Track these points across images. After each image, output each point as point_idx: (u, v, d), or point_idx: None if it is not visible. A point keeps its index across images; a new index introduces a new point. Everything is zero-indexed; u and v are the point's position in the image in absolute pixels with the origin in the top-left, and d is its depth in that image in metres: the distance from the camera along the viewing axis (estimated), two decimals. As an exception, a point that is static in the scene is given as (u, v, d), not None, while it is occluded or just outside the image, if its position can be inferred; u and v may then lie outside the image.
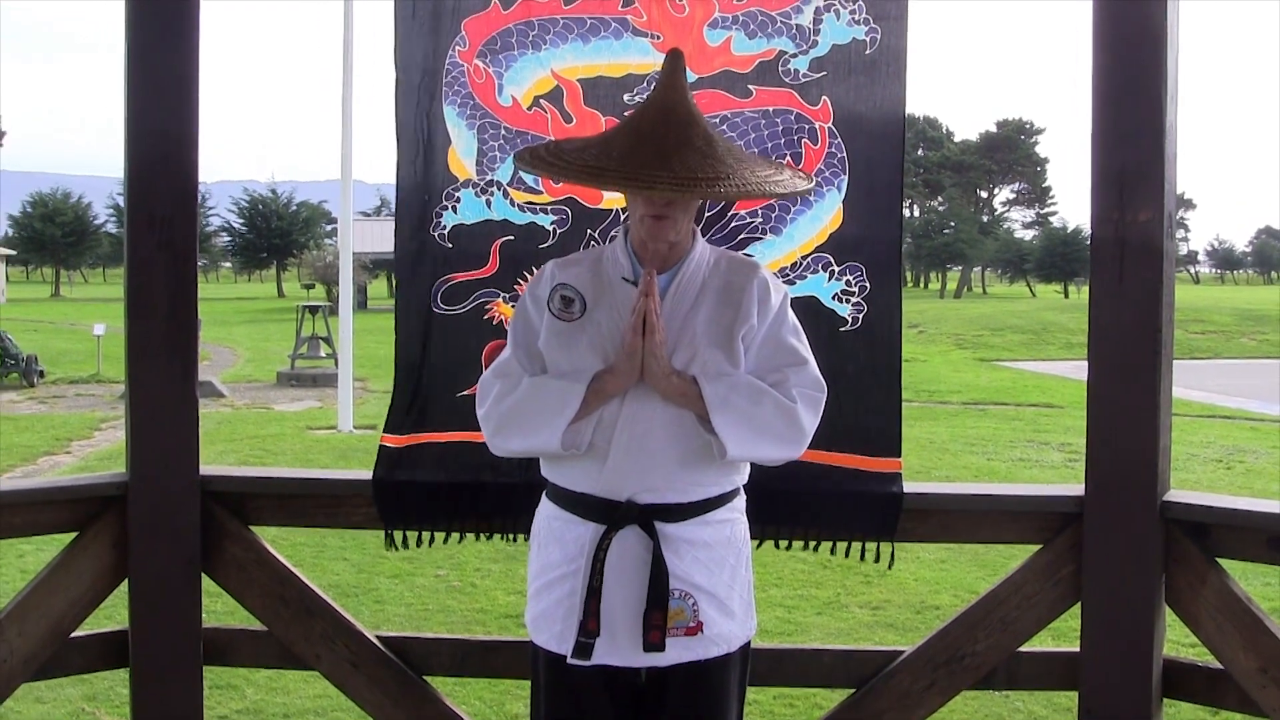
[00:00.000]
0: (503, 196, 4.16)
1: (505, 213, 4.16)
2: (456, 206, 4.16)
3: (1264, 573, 9.06)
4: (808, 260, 4.12)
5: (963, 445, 16.89)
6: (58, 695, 6.40)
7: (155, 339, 4.13)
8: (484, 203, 4.16)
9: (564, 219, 4.15)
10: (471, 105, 4.11)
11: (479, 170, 4.15)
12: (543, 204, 4.16)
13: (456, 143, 4.15)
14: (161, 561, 4.19)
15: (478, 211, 4.17)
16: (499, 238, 4.17)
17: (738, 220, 4.10)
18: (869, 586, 9.12)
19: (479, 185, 4.15)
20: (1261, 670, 3.81)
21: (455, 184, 4.16)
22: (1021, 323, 42.95)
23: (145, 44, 4.09)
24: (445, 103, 4.12)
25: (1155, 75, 3.85)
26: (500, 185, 4.15)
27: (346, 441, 16.75)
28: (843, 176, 4.10)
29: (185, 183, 4.11)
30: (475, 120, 4.13)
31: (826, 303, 4.12)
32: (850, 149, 4.09)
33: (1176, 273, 4.02)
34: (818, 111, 4.09)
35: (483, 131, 4.13)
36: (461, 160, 4.15)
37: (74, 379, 25.64)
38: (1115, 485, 3.95)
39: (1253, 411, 22.22)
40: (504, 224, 4.17)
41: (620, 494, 3.30)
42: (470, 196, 4.16)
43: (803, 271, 4.11)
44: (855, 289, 4.11)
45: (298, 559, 9.18)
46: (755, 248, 4.09)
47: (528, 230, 4.17)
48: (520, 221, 4.16)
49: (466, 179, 4.16)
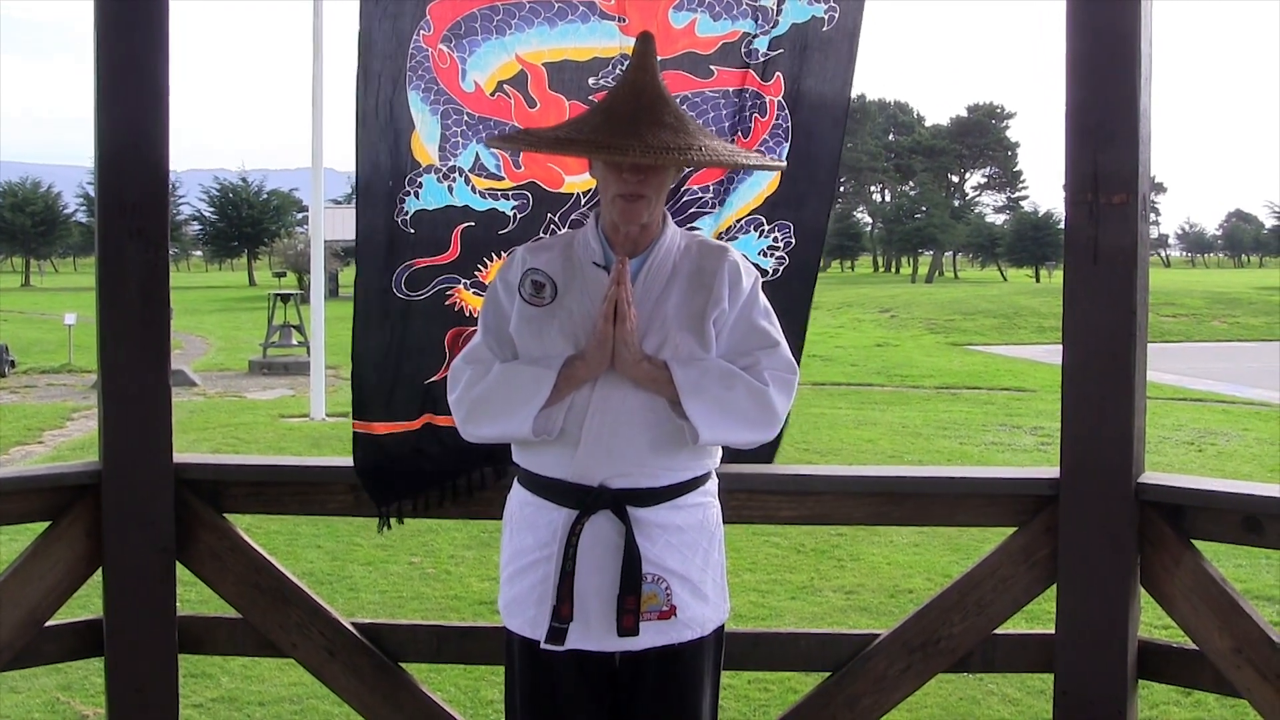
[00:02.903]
0: (464, 183, 4.14)
1: (466, 199, 4.14)
2: (419, 192, 4.13)
3: (1238, 554, 9.13)
4: (741, 223, 4.17)
5: (935, 429, 16.95)
6: (32, 685, 6.39)
7: (127, 327, 4.10)
8: (446, 188, 4.14)
9: (524, 204, 4.14)
10: (435, 90, 4.08)
11: (441, 156, 4.12)
12: (504, 189, 4.14)
13: (420, 128, 4.12)
14: (136, 550, 4.17)
15: (440, 197, 4.15)
16: (460, 224, 4.15)
17: (689, 195, 4.12)
18: (842, 571, 9.13)
19: (441, 171, 4.13)
20: (1236, 651, 3.82)
21: (418, 169, 4.13)
22: (993, 307, 43.07)
23: (114, 32, 4.06)
24: (409, 88, 4.09)
25: (1129, 58, 3.85)
26: (462, 171, 4.13)
27: (319, 429, 16.73)
28: (785, 145, 4.15)
29: (156, 170, 4.08)
30: (439, 106, 4.10)
31: (752, 257, 4.15)
32: (794, 119, 4.14)
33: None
34: (770, 86, 4.12)
35: (446, 117, 4.11)
36: (424, 146, 4.12)
37: (45, 369, 25.53)
38: (1090, 467, 3.96)
39: (1224, 394, 22.36)
40: (465, 210, 4.15)
41: (592, 479, 3.30)
42: (432, 182, 4.13)
43: (735, 233, 4.16)
44: (781, 244, 4.17)
45: (271, 547, 9.12)
46: (703, 221, 4.12)
47: (488, 216, 4.15)
48: (481, 208, 4.15)
49: (429, 164, 4.13)
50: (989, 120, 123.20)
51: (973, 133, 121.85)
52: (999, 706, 6.37)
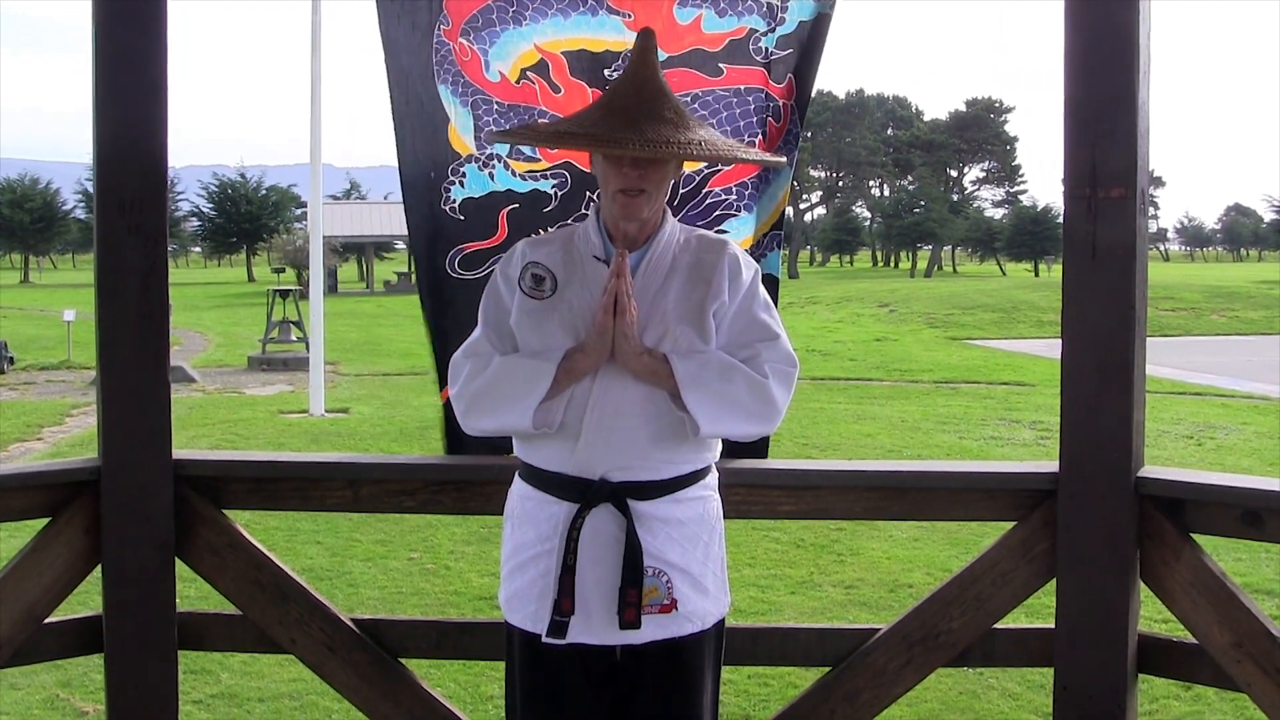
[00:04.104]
0: (504, 168, 4.24)
1: (508, 183, 4.24)
2: (463, 181, 4.24)
3: (1237, 548, 9.14)
4: (766, 239, 4.19)
5: (934, 424, 16.94)
6: (32, 682, 6.39)
7: (126, 323, 4.10)
8: (487, 175, 4.24)
9: (563, 182, 4.23)
10: (463, 83, 4.16)
11: (478, 145, 4.23)
12: (542, 170, 4.23)
13: (454, 120, 4.21)
14: (135, 546, 4.16)
15: (483, 185, 4.25)
16: (505, 207, 4.25)
17: (713, 197, 4.13)
18: (842, 565, 9.12)
19: (480, 159, 4.23)
20: (1235, 645, 3.82)
21: (459, 160, 4.24)
22: (992, 301, 43.03)
23: (112, 28, 4.05)
24: (439, 82, 4.17)
25: (1127, 52, 3.85)
26: (500, 158, 4.23)
27: (318, 425, 16.71)
28: (795, 151, 4.17)
29: (154, 167, 4.07)
30: (468, 97, 4.18)
31: (775, 274, 4.21)
32: (800, 125, 4.16)
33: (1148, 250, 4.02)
34: (782, 89, 4.13)
35: (476, 108, 4.19)
36: (461, 137, 4.22)
37: (44, 365, 25.51)
38: (1089, 461, 3.95)
39: (1223, 388, 22.33)
40: (508, 194, 4.25)
41: (593, 472, 3.31)
42: (474, 171, 4.24)
43: (765, 249, 4.17)
44: (786, 261, 4.19)
45: (270, 543, 9.13)
46: (731, 224, 4.14)
47: (531, 197, 4.25)
48: (523, 190, 4.24)
49: (469, 154, 4.23)
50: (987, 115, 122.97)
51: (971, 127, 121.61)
52: (999, 701, 6.36)
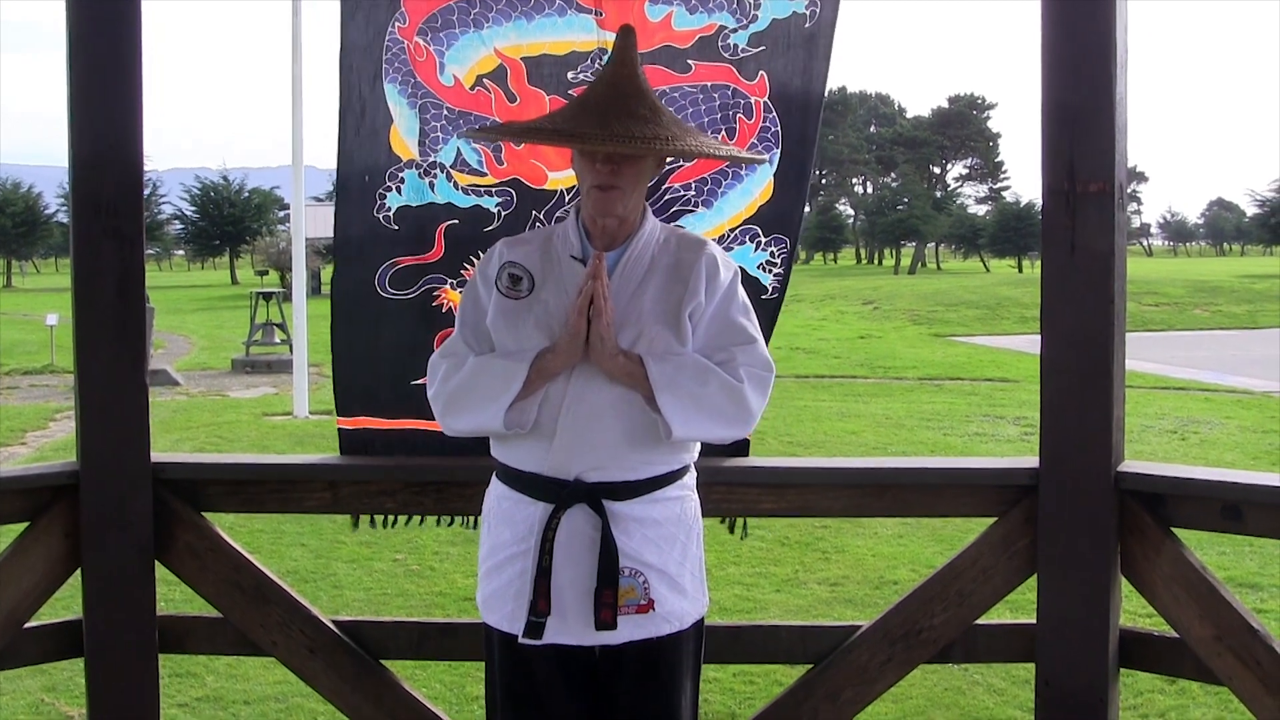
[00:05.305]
0: (446, 179, 4.12)
1: (449, 195, 4.12)
2: (400, 188, 4.12)
3: (1218, 541, 9.14)
4: (735, 232, 4.15)
5: (918, 421, 16.94)
6: (16, 687, 6.37)
7: (103, 326, 4.09)
8: (427, 185, 4.12)
9: (509, 200, 4.12)
10: (413, 84, 4.07)
11: (422, 151, 4.11)
12: (487, 185, 4.12)
13: (398, 122, 4.10)
14: (114, 550, 4.15)
15: (421, 194, 4.13)
16: (443, 221, 4.14)
17: (671, 193, 4.10)
18: (827, 563, 9.13)
19: (422, 167, 4.11)
20: (1216, 638, 3.83)
21: (399, 164, 4.12)
22: (976, 298, 43.04)
23: (87, 32, 4.04)
24: (386, 80, 4.07)
25: (1105, 47, 3.85)
26: (443, 167, 4.11)
27: (303, 428, 16.68)
28: (775, 150, 4.12)
29: (131, 170, 4.06)
30: (417, 99, 4.08)
31: (751, 271, 4.16)
32: (785, 123, 4.11)
33: (1129, 245, 4.03)
34: (754, 86, 4.09)
35: (424, 111, 4.09)
36: (404, 140, 4.10)
37: (27, 370, 25.40)
38: (1069, 456, 3.96)
39: (1206, 382, 22.36)
40: (448, 207, 4.14)
41: (568, 473, 3.31)
42: (414, 178, 4.12)
43: (730, 243, 4.13)
44: (778, 260, 4.15)
45: (255, 545, 9.15)
46: (687, 219, 4.10)
47: (473, 214, 4.13)
48: (465, 205, 4.13)
49: (410, 159, 4.12)
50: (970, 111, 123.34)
51: (954, 124, 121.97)
52: (984, 696, 6.37)
